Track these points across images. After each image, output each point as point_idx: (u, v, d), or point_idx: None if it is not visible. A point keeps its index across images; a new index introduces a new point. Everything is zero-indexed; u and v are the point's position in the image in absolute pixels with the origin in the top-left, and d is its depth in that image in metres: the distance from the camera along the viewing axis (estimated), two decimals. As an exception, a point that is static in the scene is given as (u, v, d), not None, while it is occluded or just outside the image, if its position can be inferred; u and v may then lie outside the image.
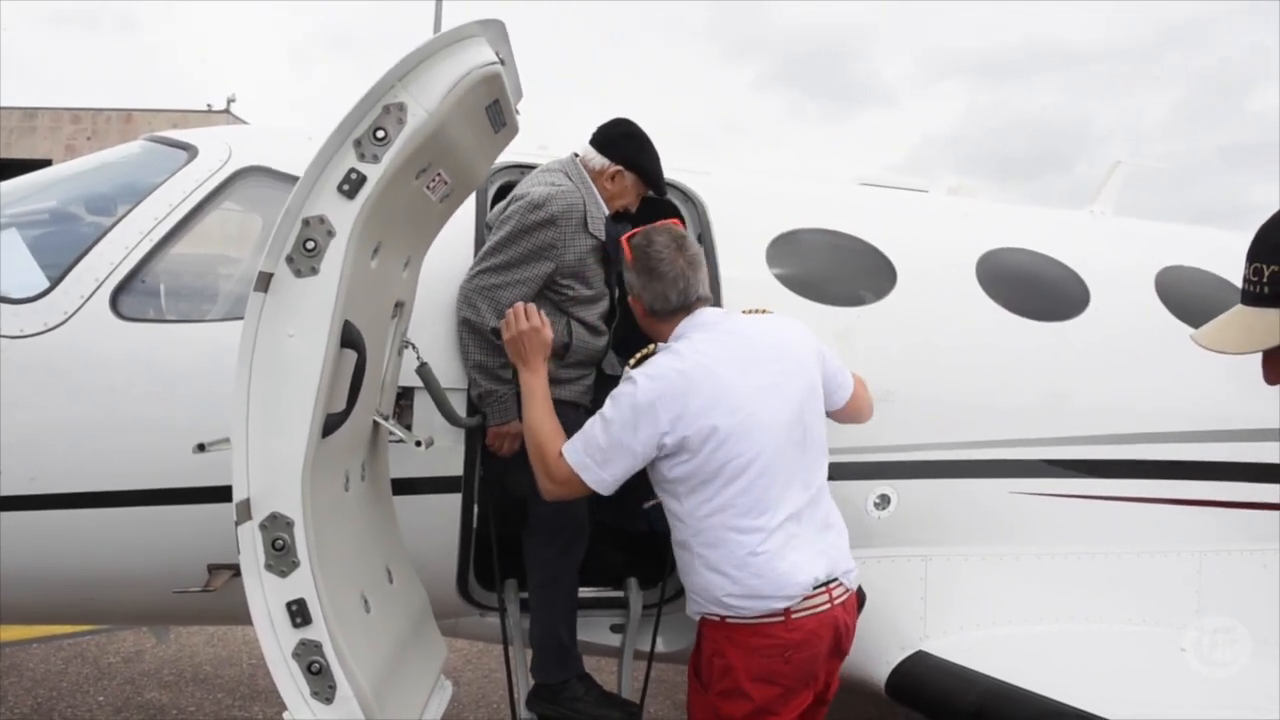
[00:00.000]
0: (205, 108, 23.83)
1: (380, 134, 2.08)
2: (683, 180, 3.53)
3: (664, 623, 3.30)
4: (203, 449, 2.25)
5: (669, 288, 2.55)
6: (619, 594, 3.36)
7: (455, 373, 3.00)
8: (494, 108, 2.38)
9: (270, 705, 4.74)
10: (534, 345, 2.65)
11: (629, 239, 2.64)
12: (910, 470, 3.36)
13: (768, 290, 3.37)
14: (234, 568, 2.40)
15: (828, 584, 2.46)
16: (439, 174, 2.39)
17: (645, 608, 3.33)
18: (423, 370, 2.86)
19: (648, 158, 3.10)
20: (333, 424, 2.21)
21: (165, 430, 2.73)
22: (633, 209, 3.17)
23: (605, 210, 3.08)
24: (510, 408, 2.92)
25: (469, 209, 3.10)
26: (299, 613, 2.05)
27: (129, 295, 2.81)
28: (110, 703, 4.78)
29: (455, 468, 3.05)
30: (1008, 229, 4.02)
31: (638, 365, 2.50)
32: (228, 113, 23.34)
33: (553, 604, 3.04)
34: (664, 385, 2.40)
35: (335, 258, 2.08)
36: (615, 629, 3.38)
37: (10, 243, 2.98)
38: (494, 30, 2.24)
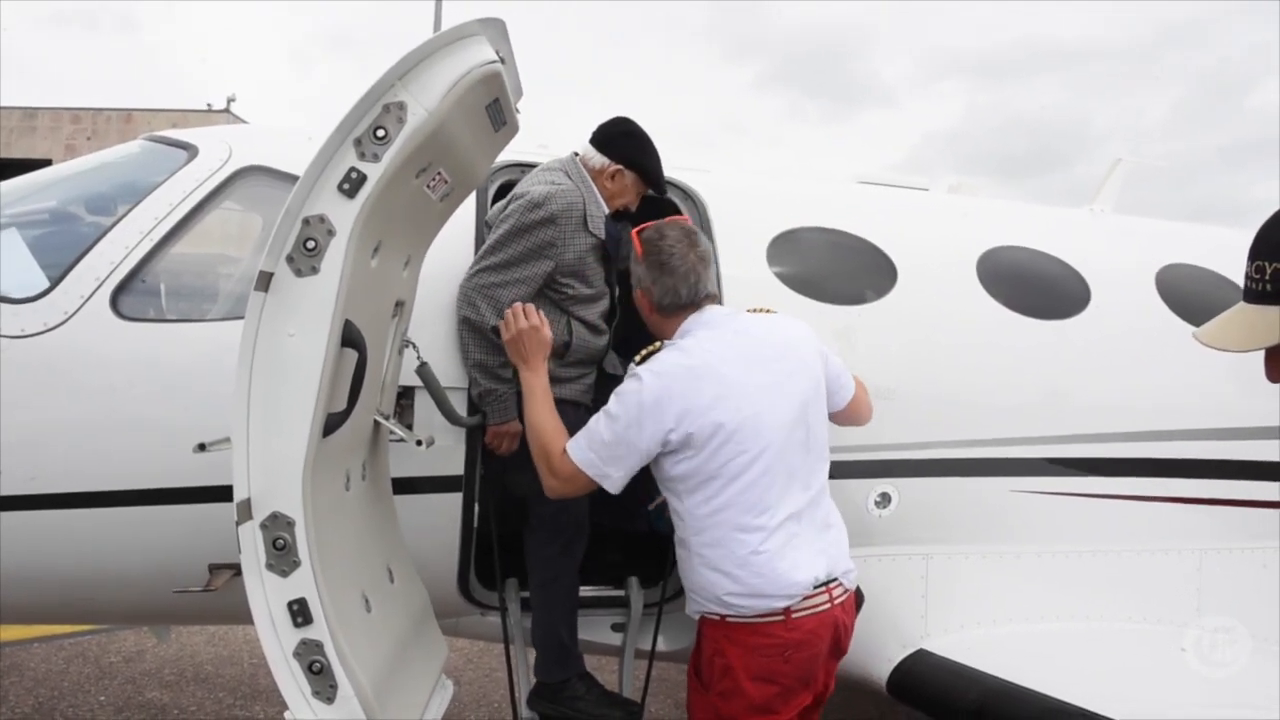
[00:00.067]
0: (205, 107, 23.81)
1: (380, 133, 2.08)
2: (683, 179, 3.53)
3: (665, 622, 3.30)
4: (203, 449, 2.25)
5: (680, 282, 2.54)
6: (620, 593, 3.36)
7: (455, 372, 3.00)
8: (494, 106, 2.38)
9: (271, 705, 4.74)
10: (533, 344, 2.65)
11: (640, 232, 2.62)
12: (911, 469, 3.36)
13: (768, 289, 3.37)
14: (235, 567, 2.40)
15: (827, 584, 2.46)
16: (439, 173, 2.38)
17: (646, 607, 3.33)
18: (422, 370, 2.86)
19: (648, 156, 3.09)
20: (333, 423, 2.21)
21: (166, 430, 2.73)
22: (632, 208, 3.17)
23: (605, 209, 3.07)
24: (510, 407, 2.92)
25: (469, 208, 3.10)
26: (300, 612, 2.05)
27: (129, 295, 2.81)
28: (111, 702, 4.78)
29: (456, 467, 3.05)
30: (1008, 227, 4.01)
31: (643, 362, 2.49)
32: (228, 112, 23.32)
33: (554, 603, 3.04)
34: (670, 382, 2.39)
35: (336, 257, 2.08)
36: (616, 628, 3.38)
37: (10, 243, 2.98)
38: (494, 29, 2.24)
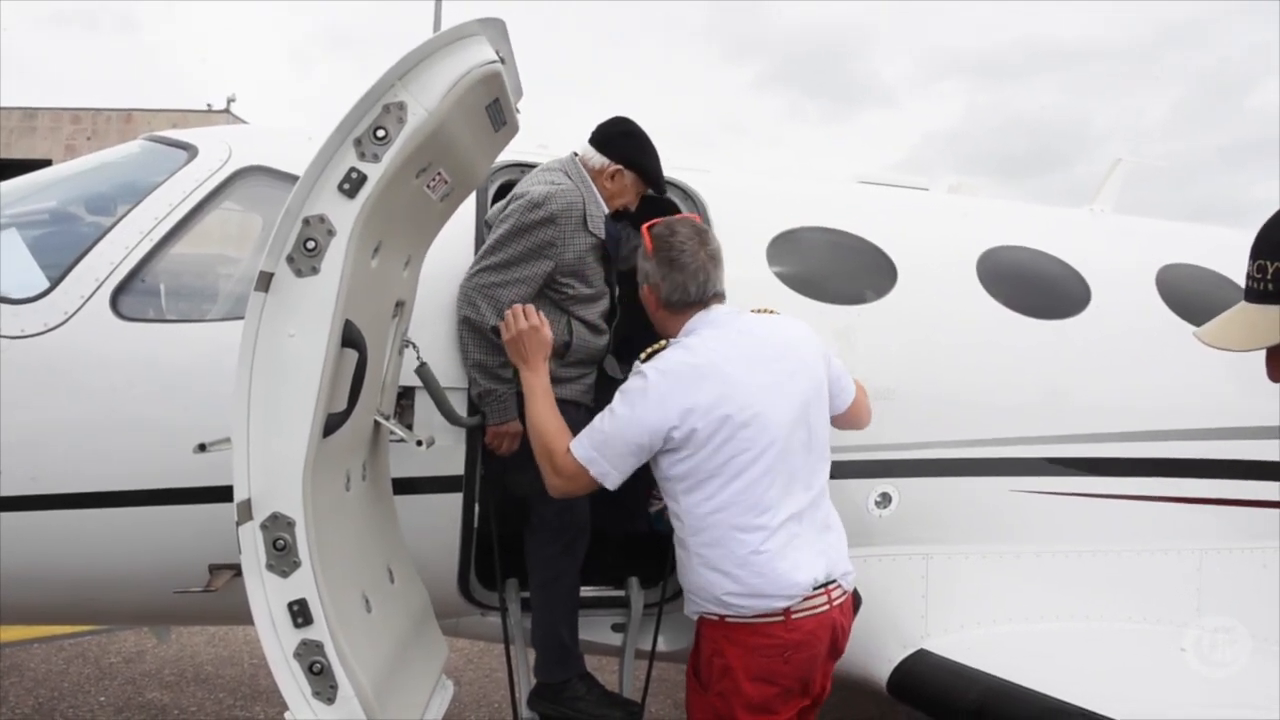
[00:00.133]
0: (205, 108, 23.81)
1: (380, 133, 2.08)
2: (683, 179, 3.52)
3: (665, 622, 3.30)
4: (203, 449, 2.25)
5: (689, 280, 2.53)
6: (620, 593, 3.36)
7: (455, 372, 3.00)
8: (494, 106, 2.38)
9: (272, 705, 4.74)
10: (534, 345, 2.64)
11: (650, 228, 2.61)
12: (911, 469, 3.36)
13: (768, 289, 3.37)
14: (235, 568, 2.40)
15: (827, 585, 2.46)
16: (439, 173, 2.38)
17: (646, 607, 3.33)
18: (422, 370, 2.86)
19: (647, 156, 3.09)
20: (334, 424, 2.21)
21: (166, 430, 2.73)
22: (632, 207, 3.17)
23: (605, 209, 3.07)
24: (510, 407, 2.92)
25: (469, 208, 3.10)
26: (300, 613, 2.05)
27: (129, 295, 2.81)
28: (111, 703, 4.78)
29: (456, 467, 3.05)
30: (1008, 227, 4.01)
31: (648, 360, 2.49)
32: (228, 112, 23.30)
33: (554, 603, 3.04)
34: (675, 380, 2.39)
35: (336, 257, 2.07)
36: (616, 628, 3.38)
37: (10, 243, 2.98)
38: (494, 29, 2.24)
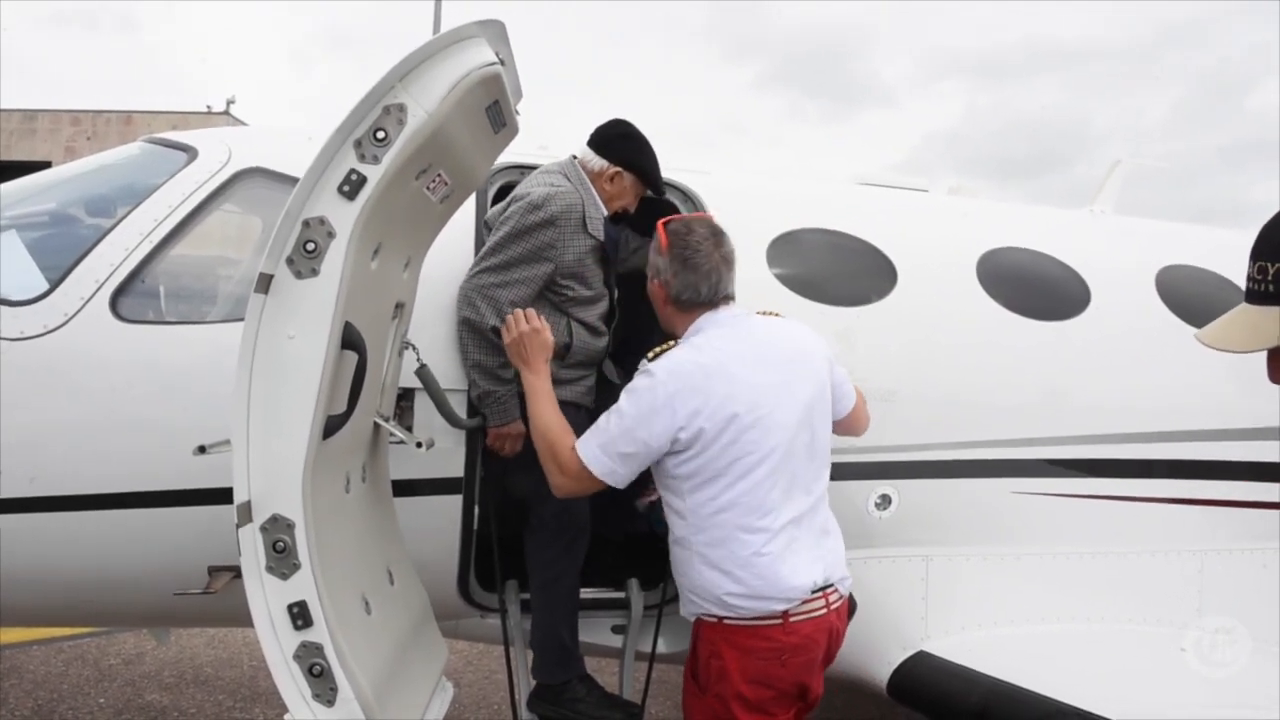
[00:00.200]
0: (205, 109, 23.82)
1: (380, 135, 2.08)
2: (682, 180, 3.52)
3: (665, 623, 3.30)
4: (203, 451, 2.25)
5: (701, 280, 2.51)
6: (620, 595, 3.35)
7: (455, 374, 3.00)
8: (494, 108, 2.38)
9: (271, 707, 4.74)
10: (535, 347, 2.64)
11: (667, 223, 2.60)
12: (911, 470, 3.35)
13: (768, 290, 3.37)
14: (234, 570, 2.39)
15: (824, 589, 2.45)
16: (439, 175, 2.38)
17: (646, 608, 3.33)
18: (422, 372, 2.86)
19: (646, 158, 3.10)
20: (333, 425, 2.20)
21: (165, 432, 2.73)
22: (631, 210, 3.17)
23: (604, 211, 3.08)
24: (511, 408, 2.91)
25: (469, 210, 3.10)
26: (300, 615, 2.05)
27: (129, 297, 2.81)
28: (111, 705, 4.77)
29: (456, 469, 3.05)
30: (1008, 228, 4.01)
31: (655, 360, 2.47)
32: (228, 114, 23.32)
33: (554, 604, 3.04)
34: (683, 379, 2.38)
35: (336, 259, 2.07)
36: (616, 630, 3.38)
37: (10, 245, 2.98)
38: (494, 31, 2.24)
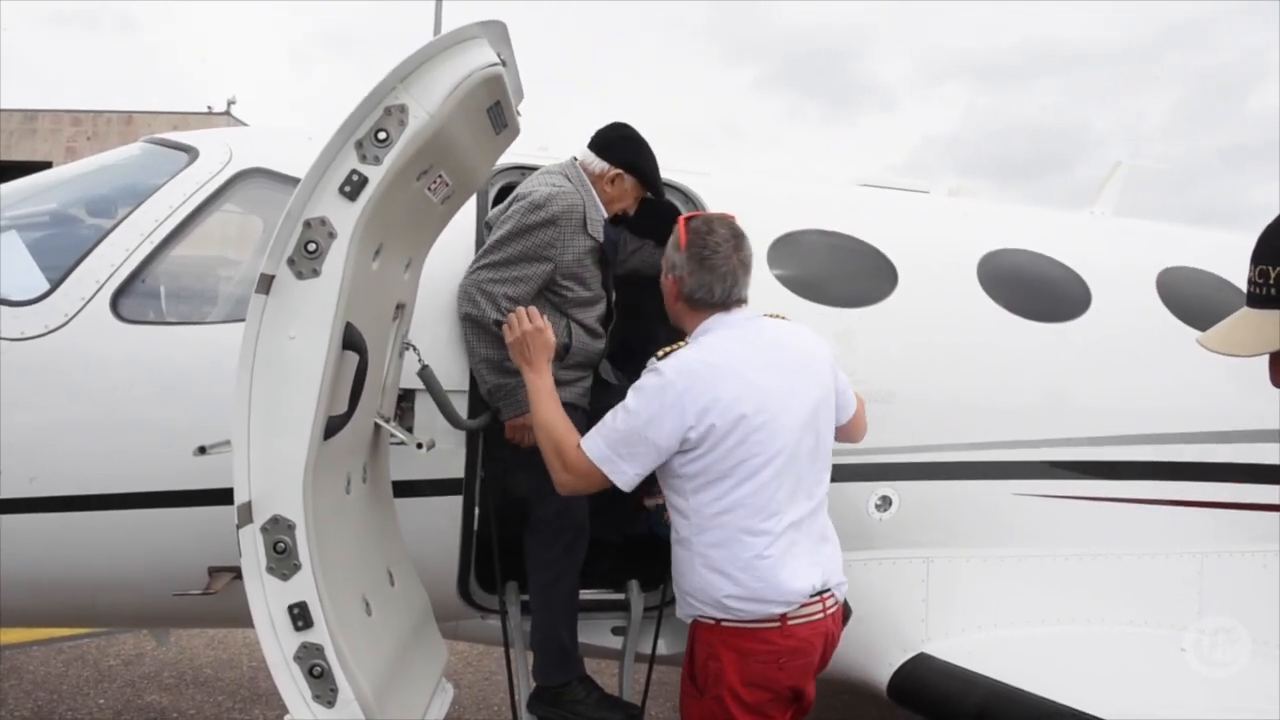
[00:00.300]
0: (206, 110, 23.83)
1: (382, 135, 2.08)
2: (683, 182, 3.52)
3: (665, 625, 3.30)
4: (204, 451, 2.25)
5: (717, 281, 2.49)
6: (620, 596, 3.35)
7: (456, 375, 3.00)
8: (495, 109, 2.38)
9: (271, 708, 4.74)
10: (537, 346, 2.63)
11: (688, 220, 2.57)
12: (912, 472, 3.35)
13: (769, 292, 3.36)
14: (235, 570, 2.40)
15: (821, 593, 2.45)
16: (440, 175, 2.38)
17: (646, 610, 3.33)
18: (424, 373, 2.86)
19: (646, 161, 3.10)
20: (334, 426, 2.20)
21: (166, 433, 2.73)
22: (631, 212, 3.17)
23: (604, 213, 3.08)
24: (524, 399, 2.89)
25: (470, 211, 3.10)
26: (300, 616, 2.05)
27: (129, 297, 2.81)
28: (110, 705, 4.77)
29: (456, 470, 3.05)
30: (1009, 230, 4.01)
31: (664, 359, 2.44)
32: (228, 115, 23.32)
33: (554, 605, 3.04)
34: (693, 378, 2.36)
35: (337, 260, 2.07)
36: (616, 631, 3.37)
37: (11, 245, 2.98)
38: (495, 32, 2.24)
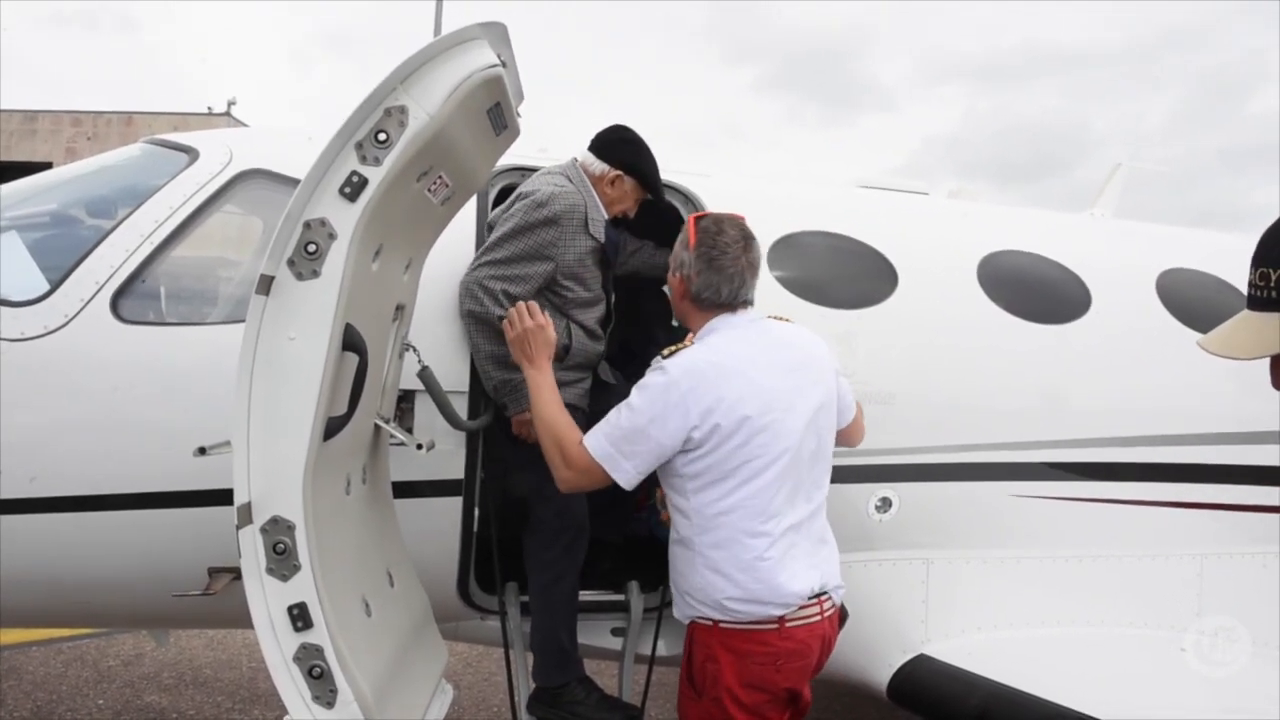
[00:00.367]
0: (206, 110, 23.84)
1: (382, 137, 2.08)
2: (683, 183, 3.52)
3: (665, 626, 3.29)
4: (204, 452, 2.25)
5: (724, 282, 2.48)
6: (620, 597, 3.35)
7: (456, 376, 3.00)
8: (495, 110, 2.38)
9: (270, 709, 4.74)
10: (538, 343, 2.62)
11: (698, 219, 2.56)
12: (912, 473, 3.35)
13: (769, 293, 3.36)
14: (234, 571, 2.39)
15: (819, 596, 2.45)
16: (440, 176, 2.38)
17: (646, 611, 3.33)
18: (424, 374, 2.86)
19: (646, 163, 3.10)
20: (334, 427, 2.20)
21: (166, 433, 2.73)
22: (631, 214, 3.18)
23: (605, 214, 3.08)
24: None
25: (470, 212, 3.10)
26: (300, 616, 2.05)
27: (129, 298, 2.81)
28: (110, 706, 4.77)
29: (456, 471, 3.05)
30: (1009, 231, 4.02)
31: (669, 357, 2.44)
32: (228, 115, 23.34)
33: (554, 606, 3.04)
34: (698, 377, 2.36)
35: (337, 260, 2.07)
36: (616, 632, 3.37)
37: (11, 245, 2.98)
38: (495, 33, 2.24)
